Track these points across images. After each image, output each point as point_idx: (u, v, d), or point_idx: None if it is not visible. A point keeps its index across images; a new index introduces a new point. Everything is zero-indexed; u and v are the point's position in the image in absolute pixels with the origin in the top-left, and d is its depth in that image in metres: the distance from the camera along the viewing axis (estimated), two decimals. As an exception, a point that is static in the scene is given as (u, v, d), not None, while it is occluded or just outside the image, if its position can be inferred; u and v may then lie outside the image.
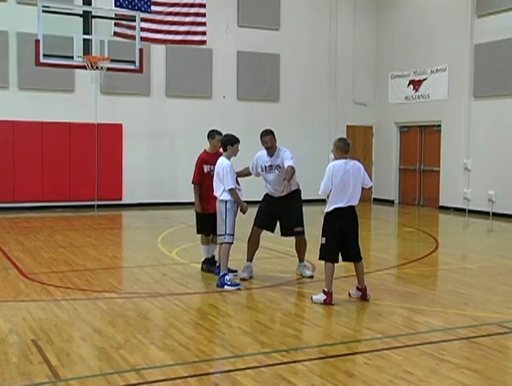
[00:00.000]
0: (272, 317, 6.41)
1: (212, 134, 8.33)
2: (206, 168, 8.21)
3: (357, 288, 7.10)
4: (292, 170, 7.81)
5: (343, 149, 7.01)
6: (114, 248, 11.01)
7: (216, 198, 7.71)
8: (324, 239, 6.93)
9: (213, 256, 8.45)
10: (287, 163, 7.85)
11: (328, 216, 6.94)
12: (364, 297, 7.02)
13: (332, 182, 6.84)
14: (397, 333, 5.87)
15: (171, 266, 8.94)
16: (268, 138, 8.03)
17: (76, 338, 5.67)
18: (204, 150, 8.40)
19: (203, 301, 7.19)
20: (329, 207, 6.91)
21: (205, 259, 8.51)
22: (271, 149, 8.07)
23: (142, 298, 7.14)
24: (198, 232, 8.55)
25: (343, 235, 6.93)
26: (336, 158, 7.04)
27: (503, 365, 5.12)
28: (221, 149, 7.94)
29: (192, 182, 8.36)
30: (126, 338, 5.63)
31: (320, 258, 7.04)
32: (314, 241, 9.22)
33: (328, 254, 6.92)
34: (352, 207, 6.95)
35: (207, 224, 8.22)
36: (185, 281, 7.91)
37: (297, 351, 5.39)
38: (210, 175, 8.01)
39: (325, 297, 6.82)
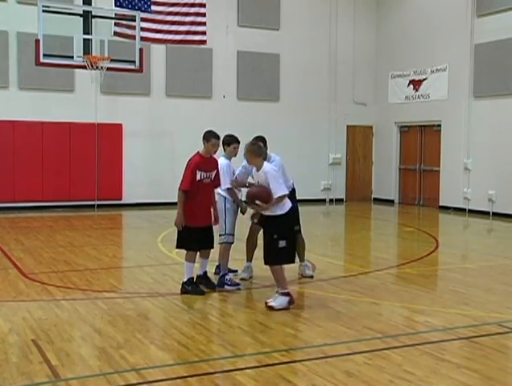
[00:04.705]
0: (272, 317, 6.41)
1: (208, 136, 7.32)
2: (199, 175, 7.19)
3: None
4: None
5: (258, 153, 6.81)
6: (114, 248, 11.01)
7: (208, 210, 7.37)
8: (285, 241, 6.63)
9: (205, 272, 7.57)
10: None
11: (286, 217, 6.70)
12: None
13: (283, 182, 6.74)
14: (397, 333, 5.87)
15: (171, 266, 8.94)
16: None
17: (76, 337, 5.67)
18: (198, 153, 7.39)
19: (203, 301, 7.18)
20: (285, 208, 6.69)
21: (193, 278, 7.34)
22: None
23: (142, 298, 7.14)
24: (179, 247, 7.41)
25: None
26: (253, 163, 6.86)
27: (503, 365, 5.12)
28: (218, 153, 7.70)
29: (179, 189, 7.19)
30: (126, 338, 5.63)
31: (282, 262, 6.74)
32: (313, 240, 9.25)
33: (291, 256, 6.78)
34: None
35: (195, 239, 7.28)
36: (185, 281, 7.91)
37: (297, 351, 5.39)
38: (203, 183, 7.23)
39: (288, 298, 6.66)
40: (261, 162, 6.77)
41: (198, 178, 7.20)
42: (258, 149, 6.81)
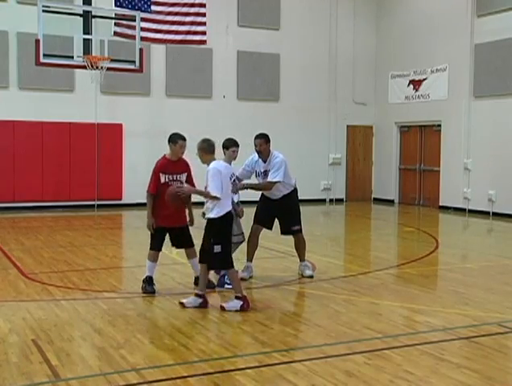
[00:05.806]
0: (272, 317, 6.41)
1: (174, 138, 7.29)
2: (163, 177, 7.18)
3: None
4: (268, 185, 7.80)
5: (208, 150, 6.71)
6: (114, 248, 11.01)
7: (178, 211, 7.25)
8: (220, 247, 6.54)
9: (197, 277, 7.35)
10: (269, 178, 7.84)
11: (219, 221, 6.58)
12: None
13: (222, 184, 6.56)
14: (397, 333, 5.87)
15: (171, 266, 8.93)
16: (258, 142, 7.94)
17: (76, 337, 5.67)
18: (164, 156, 7.39)
19: (203, 301, 7.18)
20: (216, 212, 6.55)
21: (150, 277, 7.38)
22: (262, 154, 7.98)
23: (142, 298, 7.14)
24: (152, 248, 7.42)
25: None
26: (204, 161, 6.73)
27: (503, 365, 5.12)
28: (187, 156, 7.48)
29: (147, 191, 7.27)
30: (126, 338, 5.63)
31: (215, 268, 6.82)
32: (313, 240, 9.24)
33: (226, 262, 6.69)
34: None
35: (158, 239, 7.37)
36: (185, 281, 7.91)
37: (297, 351, 5.39)
38: (169, 186, 7.03)
39: (241, 302, 6.60)
40: (211, 159, 6.68)
41: (162, 180, 7.18)
42: (209, 147, 6.71)
